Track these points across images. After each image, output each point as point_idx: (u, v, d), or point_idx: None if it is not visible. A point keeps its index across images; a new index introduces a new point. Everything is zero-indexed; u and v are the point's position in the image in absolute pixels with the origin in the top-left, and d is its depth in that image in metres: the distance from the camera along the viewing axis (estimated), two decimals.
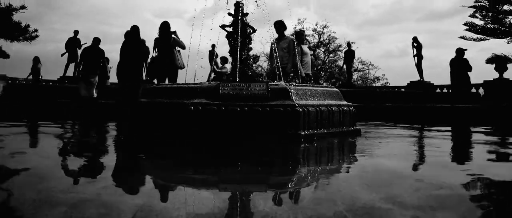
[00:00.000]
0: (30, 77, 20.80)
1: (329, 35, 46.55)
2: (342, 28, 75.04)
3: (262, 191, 3.77)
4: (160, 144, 7.10)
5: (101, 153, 6.33)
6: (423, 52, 21.42)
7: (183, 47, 13.28)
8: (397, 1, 77.70)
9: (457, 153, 6.85)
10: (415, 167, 5.20)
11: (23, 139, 8.05)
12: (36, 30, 21.43)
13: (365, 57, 49.32)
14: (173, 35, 13.19)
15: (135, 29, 12.90)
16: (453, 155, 6.63)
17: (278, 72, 10.59)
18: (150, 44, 25.30)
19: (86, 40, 21.02)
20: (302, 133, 7.24)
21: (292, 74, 12.47)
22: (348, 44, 25.65)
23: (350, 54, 24.79)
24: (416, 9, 76.19)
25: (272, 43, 12.10)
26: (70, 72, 20.95)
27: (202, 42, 10.64)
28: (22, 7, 20.28)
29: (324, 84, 39.50)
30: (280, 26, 13.00)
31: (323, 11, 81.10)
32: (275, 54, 11.36)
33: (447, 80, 19.72)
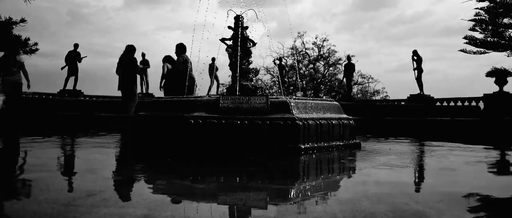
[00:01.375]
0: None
1: (329, 48, 46.67)
2: (343, 39, 75.29)
3: (262, 207, 3.74)
4: (160, 158, 7.06)
5: (103, 167, 6.30)
6: (423, 65, 21.53)
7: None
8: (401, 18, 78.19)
9: (458, 177, 6.81)
10: (417, 189, 5.13)
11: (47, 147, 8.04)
12: (36, 43, 21.51)
13: (365, 71, 49.14)
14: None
15: (128, 48, 12.98)
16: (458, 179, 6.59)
17: (279, 88, 10.58)
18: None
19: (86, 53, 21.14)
20: (302, 146, 7.23)
21: (291, 87, 12.46)
22: (348, 58, 25.69)
23: (350, 68, 24.83)
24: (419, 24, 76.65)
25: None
26: (70, 85, 20.96)
27: (201, 55, 10.67)
28: (22, 20, 20.34)
29: (324, 97, 39.49)
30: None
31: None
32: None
33: (447, 93, 19.81)
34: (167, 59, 14.15)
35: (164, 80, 14.15)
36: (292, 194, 4.36)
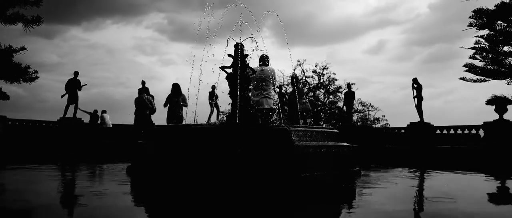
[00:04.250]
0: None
1: (329, 76, 46.74)
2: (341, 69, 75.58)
3: None
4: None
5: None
6: (424, 93, 21.56)
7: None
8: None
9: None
10: None
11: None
12: (36, 71, 21.48)
13: (365, 98, 49.14)
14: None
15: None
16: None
17: (279, 116, 10.58)
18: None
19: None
20: (302, 175, 7.19)
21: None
22: (348, 86, 25.73)
23: (350, 96, 24.85)
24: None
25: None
26: (70, 113, 20.91)
27: (202, 83, 10.69)
28: (22, 48, 20.42)
29: (324, 125, 39.44)
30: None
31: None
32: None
33: (446, 122, 19.77)
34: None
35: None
36: None
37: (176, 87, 16.33)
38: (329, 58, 67.20)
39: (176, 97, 15.83)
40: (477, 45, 21.98)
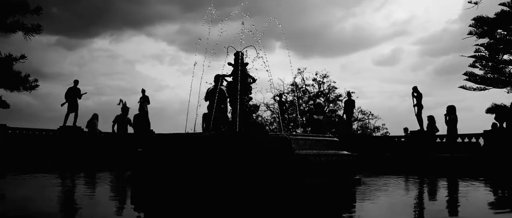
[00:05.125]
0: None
1: (329, 84, 46.75)
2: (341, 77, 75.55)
3: None
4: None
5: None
6: (423, 101, 21.55)
7: None
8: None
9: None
10: None
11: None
12: (36, 80, 21.45)
13: (365, 107, 49.11)
14: None
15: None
16: None
17: (279, 124, 10.58)
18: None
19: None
20: (302, 183, 7.18)
21: (292, 124, 12.47)
22: (348, 94, 25.70)
23: (350, 104, 24.83)
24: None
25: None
26: (70, 122, 20.87)
27: (202, 91, 10.70)
28: (22, 57, 20.39)
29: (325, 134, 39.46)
30: None
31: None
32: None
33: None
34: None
35: None
36: None
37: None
38: (343, 69, 67.26)
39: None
40: (477, 54, 21.97)
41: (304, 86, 47.21)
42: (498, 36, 20.96)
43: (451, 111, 19.16)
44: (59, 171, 12.29)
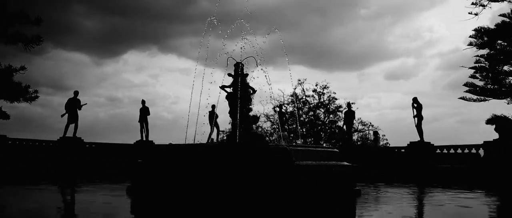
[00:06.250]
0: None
1: (329, 95, 46.76)
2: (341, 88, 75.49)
3: None
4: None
5: None
6: (423, 112, 21.55)
7: None
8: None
9: None
10: None
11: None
12: (36, 91, 21.44)
13: (365, 118, 49.04)
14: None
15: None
16: None
17: (279, 135, 10.60)
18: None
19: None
20: (302, 194, 7.17)
21: (292, 134, 12.51)
22: (348, 105, 25.70)
23: (350, 115, 24.82)
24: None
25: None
26: (70, 133, 20.85)
27: (202, 102, 10.72)
28: (22, 68, 20.39)
29: (324, 145, 39.35)
30: None
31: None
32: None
33: (447, 141, 19.69)
34: None
35: None
36: None
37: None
38: (361, 83, 67.20)
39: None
40: (477, 65, 21.98)
41: (304, 97, 47.24)
42: (498, 47, 20.98)
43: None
44: (59, 181, 12.26)
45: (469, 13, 20.70)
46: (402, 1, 66.47)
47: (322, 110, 47.73)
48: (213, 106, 21.12)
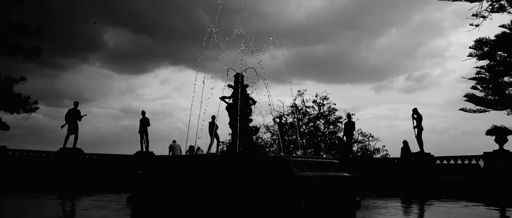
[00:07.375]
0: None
1: (329, 106, 46.73)
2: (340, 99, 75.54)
3: None
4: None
5: None
6: (424, 123, 21.54)
7: None
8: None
9: None
10: None
11: None
12: (36, 102, 21.39)
13: (365, 129, 48.99)
14: None
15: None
16: None
17: (279, 146, 10.59)
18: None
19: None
20: (302, 205, 7.15)
21: (292, 145, 12.52)
22: (348, 116, 25.69)
23: (350, 126, 24.81)
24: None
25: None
26: (70, 144, 20.82)
27: (201, 113, 10.72)
28: (22, 79, 20.34)
29: (324, 156, 39.25)
30: None
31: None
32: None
33: (448, 152, 19.69)
34: None
35: None
36: None
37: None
38: (373, 96, 67.61)
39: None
40: (478, 75, 21.99)
41: (304, 108, 47.24)
42: (498, 58, 21.00)
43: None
44: (59, 192, 12.24)
45: (470, 24, 20.74)
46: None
47: (322, 121, 47.71)
48: (213, 117, 21.12)
